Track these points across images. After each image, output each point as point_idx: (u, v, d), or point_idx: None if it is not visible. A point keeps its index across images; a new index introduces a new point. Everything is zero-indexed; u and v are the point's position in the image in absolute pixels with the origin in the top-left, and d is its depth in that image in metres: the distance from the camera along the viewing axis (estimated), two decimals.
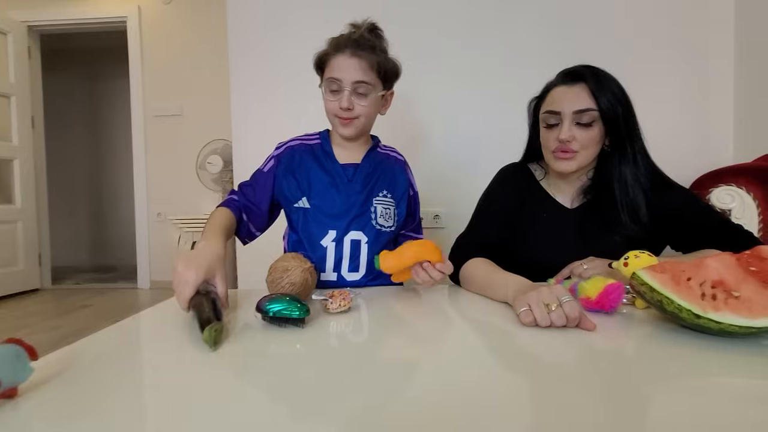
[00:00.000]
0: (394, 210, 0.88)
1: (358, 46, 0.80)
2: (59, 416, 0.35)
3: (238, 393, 0.38)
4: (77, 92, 4.35)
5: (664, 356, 0.44)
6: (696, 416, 0.32)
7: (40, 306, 2.76)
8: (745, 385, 0.38)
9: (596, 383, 0.39)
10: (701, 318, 0.44)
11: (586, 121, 0.78)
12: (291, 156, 0.87)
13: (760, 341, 0.47)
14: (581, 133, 0.78)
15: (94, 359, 0.46)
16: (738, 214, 1.25)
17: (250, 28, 1.71)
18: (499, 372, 0.42)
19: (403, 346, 0.51)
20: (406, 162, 0.96)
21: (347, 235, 0.83)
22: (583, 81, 0.79)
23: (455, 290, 0.79)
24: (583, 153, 0.80)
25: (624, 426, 0.32)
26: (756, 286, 0.45)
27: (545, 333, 0.51)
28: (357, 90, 0.80)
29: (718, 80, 1.63)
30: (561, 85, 0.81)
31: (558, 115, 0.80)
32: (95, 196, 4.46)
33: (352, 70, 0.80)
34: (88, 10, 3.11)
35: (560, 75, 0.84)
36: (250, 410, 0.34)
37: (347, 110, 0.81)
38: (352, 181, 0.85)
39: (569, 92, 0.79)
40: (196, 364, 0.45)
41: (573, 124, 0.79)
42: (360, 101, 0.81)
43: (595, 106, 0.77)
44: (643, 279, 0.49)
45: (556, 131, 0.80)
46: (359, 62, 0.80)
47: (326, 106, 0.84)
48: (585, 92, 0.78)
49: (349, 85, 0.80)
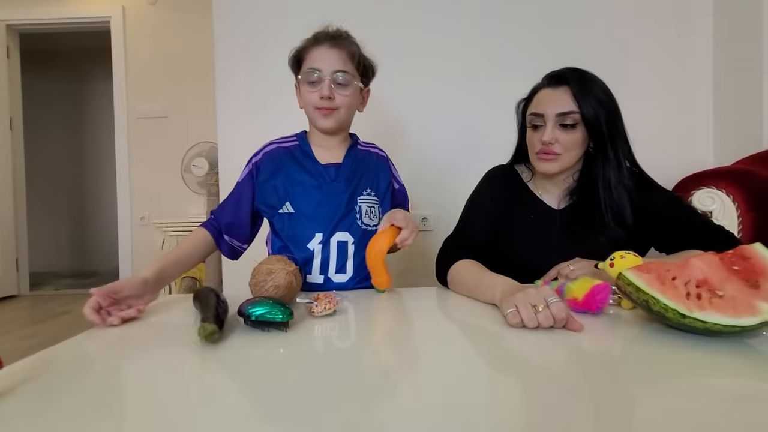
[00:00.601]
0: (378, 208, 0.87)
1: (337, 38, 0.81)
2: (24, 425, 0.33)
3: (217, 399, 0.36)
4: (59, 93, 4.25)
5: (651, 356, 0.44)
6: (682, 416, 0.32)
7: (16, 312, 2.66)
8: (731, 385, 0.38)
9: (583, 384, 0.38)
10: (687, 317, 0.44)
11: (569, 123, 0.79)
12: (269, 162, 0.85)
13: (743, 340, 0.47)
14: (564, 136, 0.79)
15: (66, 367, 0.44)
16: (718, 216, 1.27)
17: (236, 30, 1.69)
18: (486, 374, 0.42)
19: (388, 350, 0.50)
20: (388, 157, 0.95)
21: (333, 237, 0.82)
22: (566, 84, 0.80)
23: (442, 292, 0.79)
24: (565, 155, 0.80)
25: (611, 426, 0.31)
26: (739, 285, 0.45)
27: (532, 334, 0.51)
28: (337, 80, 0.80)
29: (699, 85, 1.67)
30: (546, 88, 0.82)
31: (542, 117, 0.80)
32: (77, 199, 4.35)
33: (332, 60, 0.80)
34: (71, 10, 3.04)
35: (546, 78, 0.84)
36: (229, 416, 0.33)
37: (328, 99, 0.80)
38: (335, 180, 0.84)
39: (553, 95, 0.80)
40: (174, 369, 0.43)
41: (556, 126, 0.79)
42: (340, 91, 0.81)
43: (577, 109, 0.78)
44: (629, 279, 0.49)
45: (540, 132, 0.81)
46: (339, 52, 0.80)
47: (305, 99, 0.83)
48: (568, 95, 0.79)
49: (329, 74, 0.79)
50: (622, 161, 0.81)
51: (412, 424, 0.31)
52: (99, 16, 3.03)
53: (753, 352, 0.44)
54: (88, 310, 0.57)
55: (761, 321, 0.42)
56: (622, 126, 0.82)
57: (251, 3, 1.69)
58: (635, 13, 1.65)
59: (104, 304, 0.58)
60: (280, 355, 0.47)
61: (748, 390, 0.37)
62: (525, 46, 1.64)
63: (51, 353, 0.48)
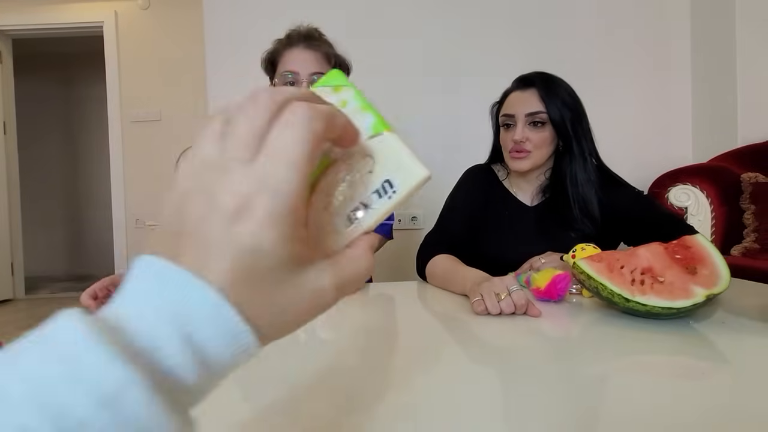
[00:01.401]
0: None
1: (311, 39, 0.81)
2: None
3: None
4: (52, 97, 4.26)
5: (602, 339, 0.49)
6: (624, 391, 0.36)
7: (11, 316, 2.68)
8: (670, 362, 0.43)
9: (539, 364, 0.42)
10: (630, 302, 0.49)
11: (538, 121, 0.84)
12: None
13: (686, 322, 0.52)
14: (533, 134, 0.84)
15: None
16: (693, 212, 1.33)
17: (226, 33, 1.73)
18: (451, 357, 0.46)
19: (357, 340, 0.54)
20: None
21: None
22: (534, 86, 0.85)
23: (421, 286, 0.83)
24: (536, 153, 0.85)
25: (561, 400, 0.35)
26: (678, 272, 0.50)
27: (495, 320, 0.55)
28: (314, 81, 0.80)
29: (677, 86, 1.72)
30: (516, 90, 0.88)
31: (513, 117, 0.86)
32: (71, 203, 4.36)
33: (309, 62, 0.80)
34: (64, 15, 3.06)
35: (515, 81, 0.90)
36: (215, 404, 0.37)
37: None
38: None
39: (522, 96, 0.86)
40: None
41: (526, 126, 0.85)
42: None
43: (545, 109, 0.83)
44: (582, 268, 0.53)
45: (512, 132, 0.86)
46: (314, 54, 0.80)
47: None
48: (535, 97, 0.84)
49: (306, 77, 0.79)
50: (588, 158, 0.86)
51: (380, 409, 0.36)
52: (92, 21, 3.05)
53: (693, 332, 0.49)
54: (85, 296, 0.61)
55: (693, 303, 0.47)
56: (587, 125, 0.87)
57: (241, 6, 1.72)
58: (616, 15, 1.70)
59: (100, 295, 0.62)
60: None
61: (683, 366, 0.42)
62: (510, 49, 1.68)
63: None
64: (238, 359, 0.15)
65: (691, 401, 0.34)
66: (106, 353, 0.12)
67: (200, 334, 0.14)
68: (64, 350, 0.12)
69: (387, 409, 0.34)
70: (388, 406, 0.34)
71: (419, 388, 0.37)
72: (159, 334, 0.14)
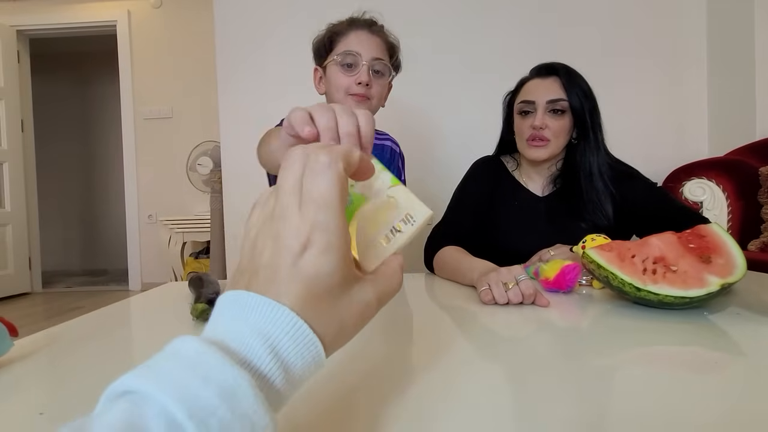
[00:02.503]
0: None
1: (374, 24, 0.78)
2: (36, 387, 0.37)
3: None
4: (67, 95, 4.35)
5: (614, 330, 0.47)
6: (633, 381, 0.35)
7: (30, 309, 2.75)
8: (684, 353, 0.41)
9: (548, 355, 0.42)
10: (642, 291, 0.48)
11: (558, 109, 0.83)
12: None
13: (700, 312, 0.50)
14: (553, 122, 0.84)
15: (75, 339, 0.49)
16: (708, 206, 1.29)
17: (237, 32, 1.74)
18: (458, 349, 0.45)
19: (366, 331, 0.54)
20: (400, 153, 0.93)
21: None
22: (556, 75, 0.85)
23: (429, 278, 0.82)
24: (554, 142, 0.85)
25: (569, 393, 0.35)
26: (692, 261, 0.48)
27: (503, 312, 0.55)
28: (374, 67, 0.77)
29: (694, 78, 1.68)
30: (535, 78, 0.87)
31: (533, 104, 0.85)
32: (86, 198, 4.45)
33: (373, 46, 0.77)
34: (78, 15, 3.12)
35: (534, 70, 0.89)
36: None
37: (365, 86, 0.76)
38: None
39: (543, 84, 0.85)
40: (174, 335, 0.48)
41: (546, 113, 0.84)
42: (377, 80, 0.78)
43: (566, 97, 0.83)
44: (591, 257, 0.52)
45: (530, 119, 0.85)
46: (378, 39, 0.78)
47: (336, 82, 0.78)
48: (557, 84, 0.84)
49: (369, 60, 0.76)
50: (601, 149, 0.85)
51: (385, 400, 0.35)
52: (105, 20, 3.11)
53: (708, 323, 0.48)
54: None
55: (707, 292, 0.45)
56: (600, 118, 0.86)
57: (252, 5, 1.73)
58: (631, 8, 1.66)
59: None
60: None
61: (697, 358, 0.40)
62: (527, 46, 1.66)
63: (59, 329, 0.53)
64: (311, 368, 0.19)
65: (705, 393, 0.33)
66: (221, 359, 0.16)
67: (282, 345, 0.18)
68: (190, 359, 0.16)
69: (394, 401, 0.33)
70: (395, 398, 0.34)
71: (426, 379, 0.37)
72: (252, 347, 0.17)
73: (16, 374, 0.39)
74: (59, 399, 0.34)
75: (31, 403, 0.33)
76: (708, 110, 1.68)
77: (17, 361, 0.41)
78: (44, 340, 0.48)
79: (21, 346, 0.46)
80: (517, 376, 0.37)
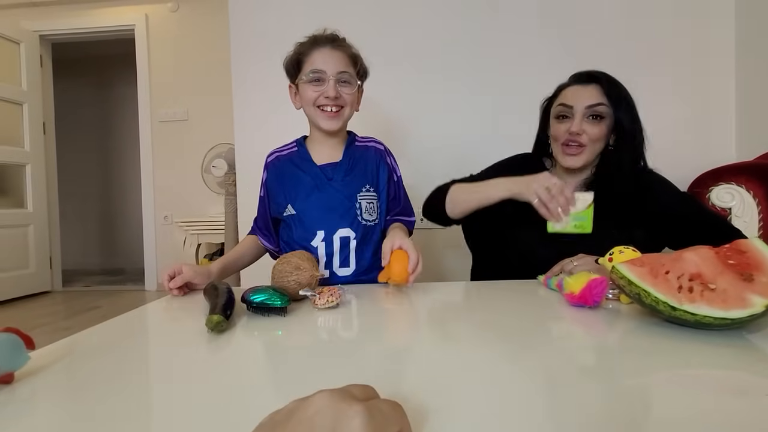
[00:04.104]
0: (377, 203, 0.89)
1: (336, 40, 0.84)
2: (53, 401, 0.37)
3: (221, 376, 0.40)
4: (87, 99, 4.45)
5: (644, 349, 0.45)
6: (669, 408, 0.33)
7: (51, 308, 2.82)
8: (722, 378, 0.39)
9: (576, 377, 0.39)
10: (677, 310, 0.45)
11: (597, 115, 0.82)
12: (272, 172, 0.91)
13: (742, 334, 0.47)
14: (591, 128, 0.82)
15: (91, 350, 0.48)
16: (738, 213, 1.24)
17: (252, 34, 1.74)
18: (483, 365, 0.43)
19: (385, 340, 0.52)
20: (386, 149, 0.95)
21: (336, 234, 0.85)
22: (597, 83, 0.84)
23: (444, 287, 0.80)
24: (590, 148, 0.84)
25: (599, 419, 0.33)
26: (732, 279, 0.45)
27: (525, 325, 0.52)
28: (340, 79, 0.83)
29: (720, 78, 1.62)
30: (575, 85, 0.86)
31: (571, 108, 0.84)
32: (105, 200, 4.55)
33: (336, 60, 0.83)
34: (98, 19, 3.19)
35: (574, 77, 0.88)
36: (233, 387, 0.36)
37: (334, 99, 0.82)
38: (332, 179, 0.87)
39: (583, 90, 0.85)
40: (186, 351, 0.47)
41: (584, 119, 0.83)
42: (345, 90, 0.84)
43: (607, 102, 0.82)
44: (621, 273, 0.49)
45: (567, 123, 0.84)
46: (341, 54, 0.84)
47: (307, 98, 0.84)
48: (598, 91, 0.83)
49: (334, 74, 0.82)
50: (639, 159, 0.85)
51: None
52: (124, 24, 3.17)
53: (749, 345, 0.45)
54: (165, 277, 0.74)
55: (751, 314, 0.42)
56: (641, 127, 0.85)
57: (267, 7, 1.73)
58: (654, 6, 1.61)
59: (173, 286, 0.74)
60: (279, 338, 0.51)
61: (739, 383, 0.37)
62: (532, 47, 1.63)
63: (77, 338, 0.53)
64: None
65: (748, 422, 0.30)
66: None
67: None
68: None
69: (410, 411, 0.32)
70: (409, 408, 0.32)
71: (441, 393, 0.35)
72: None
73: (34, 388, 0.38)
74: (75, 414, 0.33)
75: (47, 418, 0.33)
76: (735, 112, 1.61)
77: (34, 374, 0.41)
78: (61, 350, 0.48)
79: (40, 356, 0.45)
80: (540, 396, 0.35)
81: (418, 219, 0.94)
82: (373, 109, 1.63)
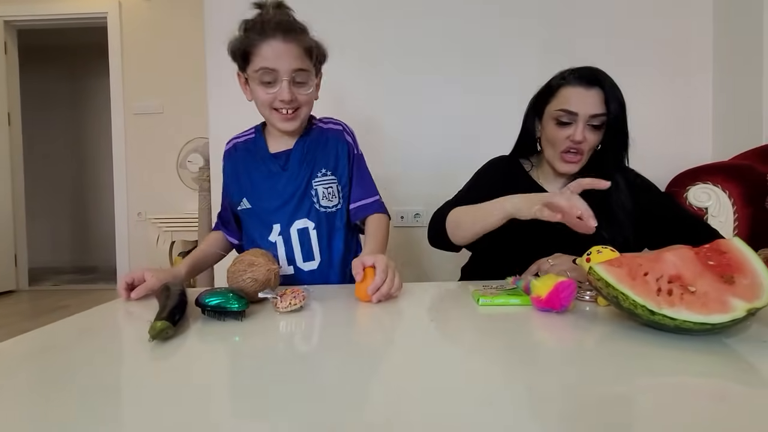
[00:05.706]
0: (337, 186, 0.83)
1: (288, 30, 0.72)
2: None
3: (165, 389, 0.35)
4: (56, 89, 4.27)
5: (620, 354, 0.42)
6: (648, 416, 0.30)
7: (13, 307, 2.68)
8: (703, 385, 0.36)
9: (549, 383, 0.36)
10: (656, 314, 0.42)
11: (597, 125, 0.81)
12: (229, 159, 0.86)
13: (721, 339, 0.45)
14: (591, 135, 0.81)
15: (16, 361, 0.43)
16: (714, 213, 1.24)
17: (227, 26, 1.67)
18: (450, 368, 0.40)
19: (353, 348, 0.48)
20: (345, 128, 0.87)
21: (292, 226, 0.80)
22: (599, 86, 0.80)
23: (415, 288, 0.76)
24: (587, 155, 0.83)
25: (579, 427, 0.29)
26: (712, 281, 0.43)
27: (500, 330, 0.49)
28: (296, 79, 0.73)
29: (698, 80, 1.63)
30: (577, 87, 0.81)
31: (574, 115, 0.80)
32: (76, 195, 4.37)
33: (290, 57, 0.72)
34: (68, 5, 3.04)
35: (575, 76, 0.82)
36: (184, 403, 0.31)
37: (289, 102, 0.73)
38: (285, 169, 0.81)
39: (587, 96, 0.80)
40: (128, 358, 0.42)
41: (586, 127, 0.81)
42: (301, 90, 0.74)
43: (606, 111, 0.80)
44: (599, 274, 0.47)
45: (568, 130, 0.81)
46: (295, 48, 0.72)
47: (260, 99, 0.75)
48: (600, 97, 0.80)
49: (288, 74, 0.72)
50: (625, 161, 0.85)
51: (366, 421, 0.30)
52: (96, 12, 3.03)
53: (728, 350, 0.42)
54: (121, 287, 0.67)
55: (732, 318, 0.40)
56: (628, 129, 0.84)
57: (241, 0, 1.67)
58: (634, 7, 1.61)
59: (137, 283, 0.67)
60: (235, 344, 0.46)
61: (720, 390, 0.35)
62: (519, 44, 1.61)
63: (4, 347, 0.47)
64: None
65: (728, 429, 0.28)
66: None
67: None
68: None
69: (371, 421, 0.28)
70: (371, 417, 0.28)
71: (411, 401, 0.31)
72: None
73: None
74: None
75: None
76: (713, 112, 1.63)
77: None
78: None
79: None
80: (509, 405, 0.31)
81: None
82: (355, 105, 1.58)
